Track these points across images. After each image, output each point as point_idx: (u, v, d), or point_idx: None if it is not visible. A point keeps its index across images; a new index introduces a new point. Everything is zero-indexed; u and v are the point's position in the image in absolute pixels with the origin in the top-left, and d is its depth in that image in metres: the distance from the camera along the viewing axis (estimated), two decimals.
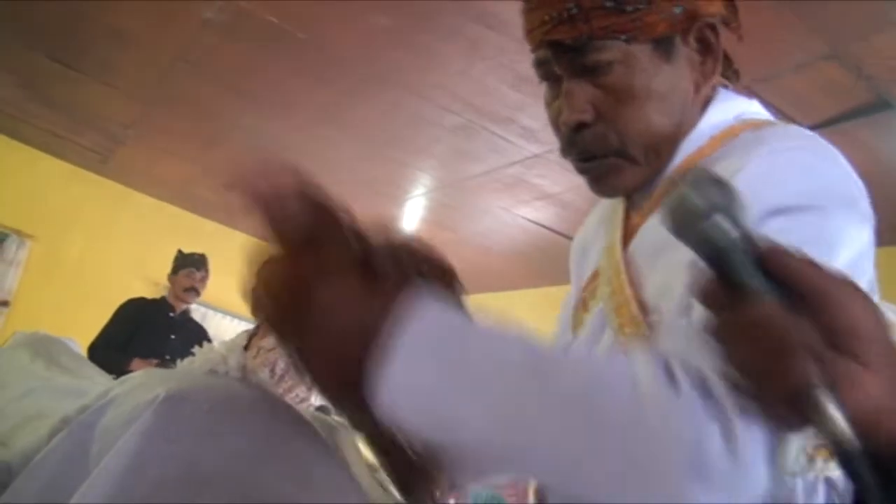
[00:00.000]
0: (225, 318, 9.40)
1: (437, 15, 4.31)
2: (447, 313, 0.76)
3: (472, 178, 6.45)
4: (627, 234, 1.10)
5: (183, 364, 1.41)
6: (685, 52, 1.04)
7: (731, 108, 1.07)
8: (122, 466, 1.06)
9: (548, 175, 5.96)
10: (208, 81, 5.92)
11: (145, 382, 1.22)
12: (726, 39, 1.10)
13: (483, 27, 4.26)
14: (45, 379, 1.79)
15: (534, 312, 9.36)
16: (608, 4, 0.98)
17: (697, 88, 1.06)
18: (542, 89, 4.17)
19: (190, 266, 5.18)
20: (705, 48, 1.06)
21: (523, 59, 4.57)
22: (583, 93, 1.04)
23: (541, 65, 1.12)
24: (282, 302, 0.76)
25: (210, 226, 9.76)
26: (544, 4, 1.05)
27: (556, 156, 5.41)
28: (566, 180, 5.96)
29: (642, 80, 1.01)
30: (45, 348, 1.93)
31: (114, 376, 1.87)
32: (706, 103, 1.08)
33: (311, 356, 0.77)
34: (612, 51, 1.00)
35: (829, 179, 0.94)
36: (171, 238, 7.09)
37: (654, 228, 1.02)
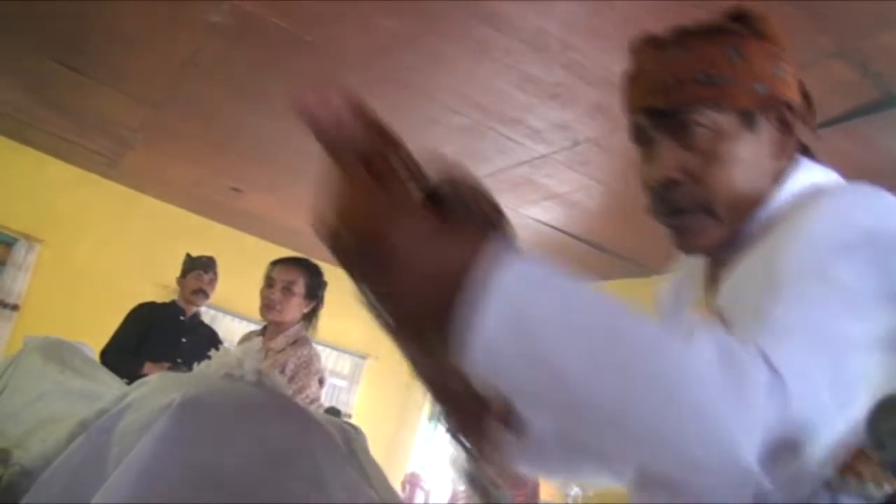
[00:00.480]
0: (234, 320, 9.43)
1: (444, 16, 4.31)
2: (529, 260, 0.77)
3: (479, 179, 6.45)
4: (712, 293, 1.19)
5: (199, 368, 1.42)
6: (766, 126, 1.16)
7: (809, 177, 1.17)
8: (140, 470, 1.07)
9: (555, 175, 5.96)
10: (216, 84, 5.94)
11: (161, 386, 1.23)
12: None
13: (490, 28, 4.27)
14: (58, 383, 1.80)
15: None
16: (699, 77, 1.13)
17: (776, 160, 1.17)
18: (548, 90, 4.16)
19: (198, 269, 5.18)
20: (784, 127, 1.17)
21: (530, 61, 4.56)
22: (673, 154, 1.16)
23: (636, 129, 1.22)
24: (357, 240, 0.75)
25: (219, 228, 9.78)
26: (644, 76, 1.20)
27: (563, 156, 5.42)
28: (573, 180, 5.96)
29: (727, 146, 1.14)
30: (57, 353, 1.95)
31: (126, 380, 1.89)
32: (785, 174, 1.18)
33: (387, 297, 0.78)
34: (702, 117, 1.14)
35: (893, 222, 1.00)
36: (180, 241, 7.11)
37: (732, 284, 1.12)
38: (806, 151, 1.24)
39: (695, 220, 1.17)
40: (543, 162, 5.79)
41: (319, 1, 4.43)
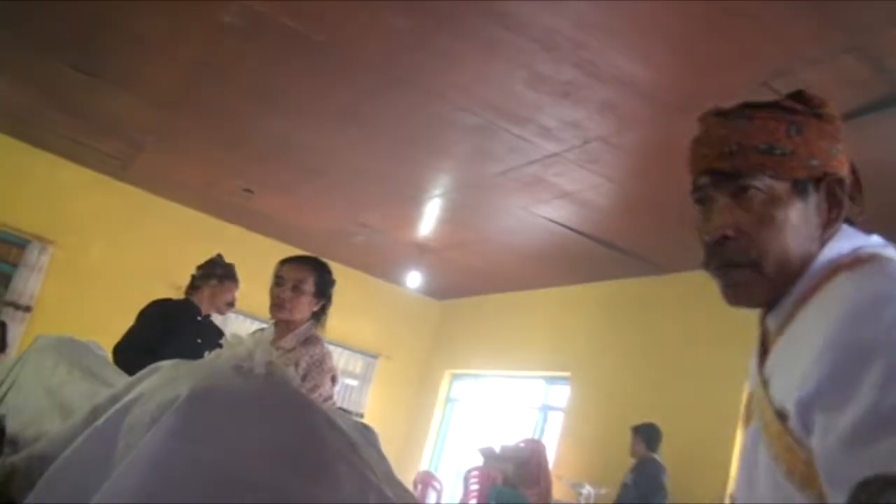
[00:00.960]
0: (246, 320, 9.46)
1: (455, 16, 4.32)
2: None
3: (490, 178, 6.46)
4: (763, 358, 1.30)
5: (210, 357, 1.42)
6: (816, 197, 1.29)
7: (847, 243, 1.28)
8: (146, 466, 1.07)
9: (565, 173, 5.95)
10: (227, 86, 5.96)
11: (171, 377, 1.22)
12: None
13: (501, 28, 4.27)
14: (65, 383, 1.80)
15: (552, 311, 9.34)
16: (761, 147, 1.27)
17: (822, 229, 1.29)
18: (558, 88, 4.16)
19: (233, 280, 5.13)
20: (832, 199, 1.30)
21: (541, 60, 4.56)
22: (730, 213, 1.29)
23: (699, 189, 1.35)
24: None
25: (231, 229, 9.81)
26: (711, 141, 1.33)
27: (574, 154, 5.42)
28: (584, 178, 5.96)
29: (779, 210, 1.27)
30: (67, 352, 1.95)
31: None
32: (829, 241, 1.29)
33: None
34: (760, 182, 1.27)
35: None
36: (192, 242, 7.14)
37: (778, 352, 1.25)
38: (850, 222, 1.33)
39: (743, 275, 1.29)
40: (554, 160, 5.79)
41: (330, 1, 4.43)
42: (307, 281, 3.39)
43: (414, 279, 9.69)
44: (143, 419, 1.12)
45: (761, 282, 1.27)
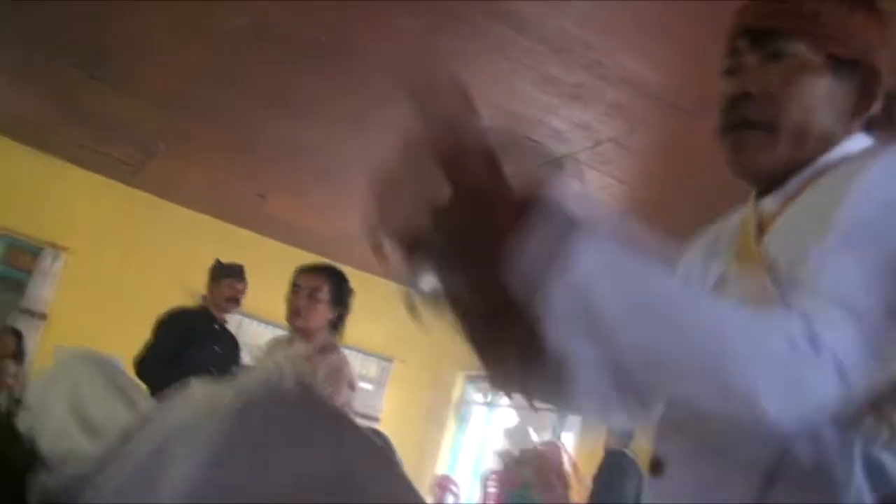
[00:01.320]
0: (260, 325, 9.45)
1: (463, 17, 4.32)
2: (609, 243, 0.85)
3: None
4: (759, 241, 1.25)
5: (241, 375, 1.42)
6: (848, 83, 1.23)
7: (864, 142, 1.24)
8: (179, 496, 1.07)
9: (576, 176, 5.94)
10: (237, 89, 5.96)
11: (205, 404, 1.21)
12: None
13: (509, 29, 4.27)
14: (88, 401, 1.81)
15: None
16: (806, 13, 1.23)
17: (846, 118, 1.24)
18: (568, 90, 4.13)
19: (232, 277, 5.13)
20: (864, 92, 1.24)
21: (550, 61, 4.52)
22: (758, 71, 1.25)
23: (732, 50, 1.31)
24: (465, 241, 0.83)
25: (244, 234, 9.81)
26: (754, 6, 1.29)
27: (584, 156, 5.38)
28: (595, 180, 5.94)
29: (807, 79, 1.22)
30: (89, 367, 1.95)
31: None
32: (849, 136, 1.24)
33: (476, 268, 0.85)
34: (795, 48, 1.22)
35: None
36: (204, 247, 7.14)
37: (782, 231, 1.20)
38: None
39: (756, 137, 1.24)
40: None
41: (338, 3, 4.44)
42: (322, 289, 3.42)
43: (427, 282, 9.68)
44: (181, 448, 1.12)
45: (773, 148, 1.23)
